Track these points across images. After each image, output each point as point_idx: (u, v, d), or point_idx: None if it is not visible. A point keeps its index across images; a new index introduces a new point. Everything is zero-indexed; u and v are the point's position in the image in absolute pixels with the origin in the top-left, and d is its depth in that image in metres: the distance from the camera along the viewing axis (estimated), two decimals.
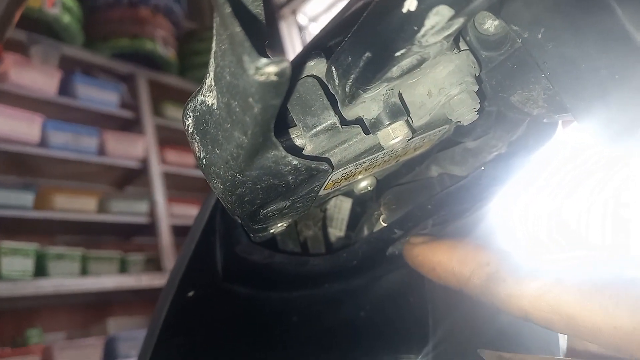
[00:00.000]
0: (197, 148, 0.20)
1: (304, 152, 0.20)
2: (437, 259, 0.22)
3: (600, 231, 0.26)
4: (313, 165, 0.19)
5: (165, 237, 2.20)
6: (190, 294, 0.32)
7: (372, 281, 0.28)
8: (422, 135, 0.23)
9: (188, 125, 0.20)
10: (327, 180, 0.22)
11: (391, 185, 0.29)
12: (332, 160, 0.20)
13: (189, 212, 2.33)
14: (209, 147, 0.19)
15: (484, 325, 0.31)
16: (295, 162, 0.18)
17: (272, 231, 0.25)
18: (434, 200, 0.24)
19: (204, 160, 0.19)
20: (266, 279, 0.30)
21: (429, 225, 0.25)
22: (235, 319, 0.31)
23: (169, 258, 2.16)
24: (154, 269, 2.19)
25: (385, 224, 0.27)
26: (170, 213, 2.27)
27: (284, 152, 0.18)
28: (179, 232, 2.22)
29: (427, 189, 0.27)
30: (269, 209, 0.21)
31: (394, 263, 0.28)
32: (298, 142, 0.20)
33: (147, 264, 2.23)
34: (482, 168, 0.23)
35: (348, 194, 0.34)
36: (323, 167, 0.19)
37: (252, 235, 0.25)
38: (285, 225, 0.25)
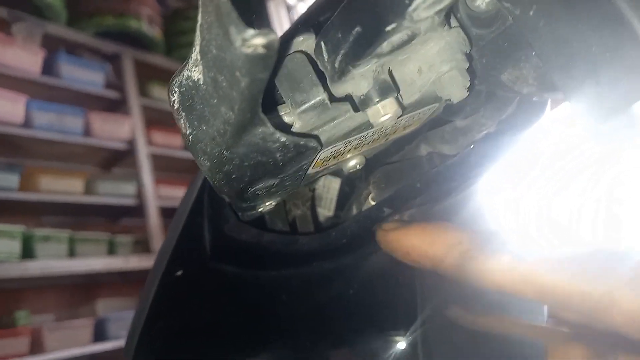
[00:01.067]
0: (183, 125, 0.19)
1: (293, 130, 0.20)
2: (409, 243, 0.22)
3: (591, 228, 0.26)
4: (302, 143, 0.19)
5: (154, 218, 2.20)
6: (179, 273, 0.32)
7: (361, 260, 0.28)
8: (412, 113, 0.23)
9: (174, 101, 0.19)
10: (316, 159, 0.22)
11: (380, 164, 0.29)
12: (321, 138, 0.20)
13: (177, 194, 2.31)
14: (195, 123, 0.19)
15: (471, 302, 0.31)
16: (283, 139, 0.18)
17: (260, 210, 0.25)
18: (423, 179, 0.24)
19: (191, 137, 0.19)
20: (255, 258, 0.30)
21: (416, 204, 0.25)
22: (224, 298, 0.31)
23: (158, 240, 2.15)
24: (143, 251, 2.19)
25: (374, 203, 0.27)
26: (158, 195, 2.26)
27: (272, 129, 0.18)
28: (167, 213, 2.21)
29: (416, 168, 0.26)
30: (257, 187, 0.21)
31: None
32: (286, 119, 0.20)
33: (136, 246, 2.22)
34: (472, 146, 0.23)
35: (337, 173, 0.34)
36: (312, 144, 0.19)
37: (240, 214, 0.25)
38: (273, 204, 0.25)
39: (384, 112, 0.20)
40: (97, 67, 2.25)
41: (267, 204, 0.24)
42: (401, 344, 0.29)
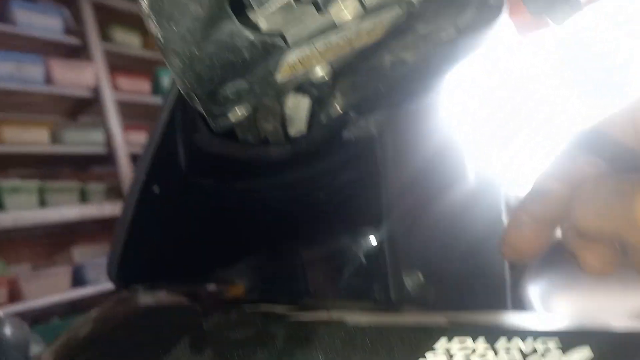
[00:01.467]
0: (154, 27, 0.20)
1: (259, 30, 0.21)
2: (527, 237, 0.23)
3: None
4: (268, 41, 0.20)
5: (124, 165, 2.17)
6: (156, 190, 0.33)
7: (331, 167, 0.30)
8: (375, 17, 0.24)
9: (145, 6, 0.20)
10: (283, 63, 0.23)
11: (346, 75, 0.30)
12: (287, 39, 0.21)
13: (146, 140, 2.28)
14: (165, 24, 0.19)
15: (431, 212, 0.33)
16: (251, 36, 0.19)
17: (231, 118, 0.26)
18: (386, 83, 0.25)
19: (162, 39, 0.20)
20: (229, 170, 0.31)
21: (381, 108, 0.27)
22: (202, 211, 0.33)
23: None
24: (116, 198, 2.18)
25: (340, 110, 0.28)
26: (128, 141, 2.23)
27: (239, 26, 0.19)
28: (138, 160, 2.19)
29: (380, 75, 0.28)
30: (228, 89, 0.22)
31: (350, 148, 0.30)
32: (253, 19, 0.21)
33: (109, 193, 2.21)
34: (432, 50, 0.25)
35: (306, 92, 0.35)
36: (278, 42, 0.20)
37: (212, 122, 0.27)
38: (245, 113, 0.26)
39: (346, 10, 0.21)
40: (55, 11, 2.14)
41: (238, 112, 0.26)
42: (369, 241, 0.31)
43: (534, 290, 0.41)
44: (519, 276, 0.38)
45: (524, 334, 0.19)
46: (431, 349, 0.18)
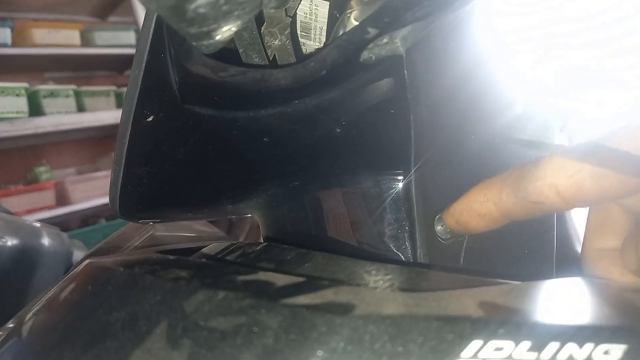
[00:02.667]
0: None
1: None
2: (474, 204, 0.23)
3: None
4: None
5: None
6: (150, 118, 0.29)
7: (347, 94, 0.25)
8: None
9: None
10: None
11: None
12: None
13: None
14: None
15: (466, 147, 0.28)
16: None
17: (218, 37, 0.21)
18: None
19: None
20: (229, 97, 0.26)
21: (407, 22, 0.21)
22: (204, 142, 0.29)
23: None
24: None
25: (356, 23, 0.22)
26: None
27: None
28: None
29: None
30: (197, 2, 0.16)
31: (371, 71, 0.24)
32: None
33: None
34: None
35: None
36: None
37: (196, 44, 0.21)
38: (233, 29, 0.21)
39: None
40: None
41: (225, 28, 0.20)
42: (395, 182, 0.27)
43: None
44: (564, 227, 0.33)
45: (581, 337, 0.15)
46: (458, 357, 0.14)
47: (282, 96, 0.25)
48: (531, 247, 0.29)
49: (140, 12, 2.12)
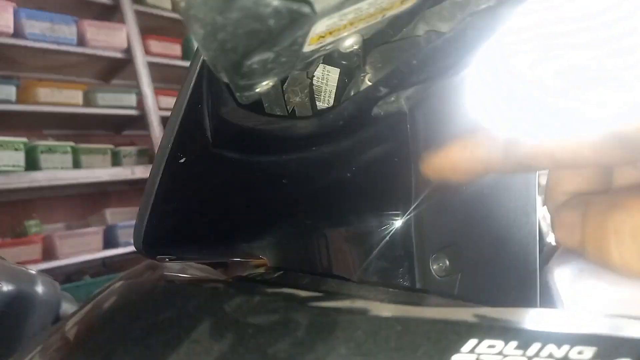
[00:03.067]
0: None
1: None
2: (456, 159, 0.22)
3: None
4: (294, 8, 0.18)
5: (156, 129, 2.20)
6: (182, 160, 0.33)
7: (359, 143, 0.29)
8: None
9: None
10: (311, 32, 0.22)
11: (378, 46, 0.28)
12: (315, 6, 0.20)
13: None
14: None
15: (459, 194, 0.32)
16: (275, 2, 0.18)
17: (257, 90, 0.25)
18: (419, 55, 0.24)
19: (183, 4, 0.19)
20: (255, 143, 0.31)
21: (413, 83, 0.25)
22: (228, 183, 0.33)
23: None
24: (148, 161, 2.22)
25: (370, 83, 0.27)
26: (159, 105, 2.25)
27: None
28: None
29: (413, 47, 0.26)
30: (253, 60, 0.21)
31: (379, 125, 0.28)
32: None
33: (140, 156, 2.25)
34: (468, 19, 0.23)
35: (335, 63, 0.34)
36: (305, 9, 0.19)
37: (238, 94, 0.26)
38: (271, 83, 0.25)
39: None
40: None
41: (264, 83, 0.24)
42: (396, 222, 0.30)
43: (560, 276, 0.40)
44: (545, 260, 0.36)
45: (559, 340, 0.18)
46: (458, 351, 0.17)
47: (302, 143, 0.30)
48: (517, 284, 0.33)
49: (143, 76, 2.22)
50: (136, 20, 2.24)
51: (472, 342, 0.18)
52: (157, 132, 2.21)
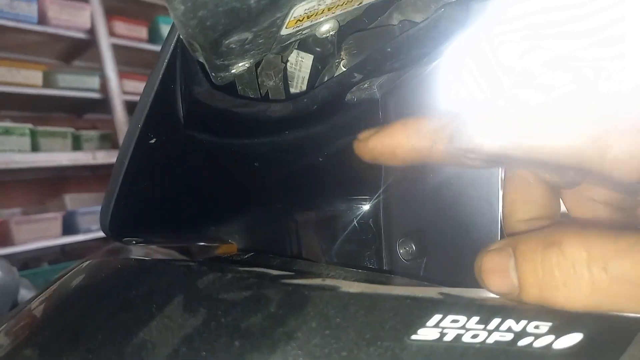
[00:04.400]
0: None
1: None
2: (394, 142, 0.21)
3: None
4: None
5: (120, 113, 2.15)
6: (152, 141, 0.32)
7: (331, 128, 0.30)
8: None
9: None
10: (290, 16, 0.22)
11: (353, 33, 0.29)
12: None
13: (141, 89, 2.24)
14: None
15: (426, 181, 0.33)
16: None
17: (233, 71, 0.25)
18: (393, 43, 0.24)
19: None
20: (228, 125, 0.31)
21: (387, 70, 0.26)
22: (198, 166, 0.33)
23: (124, 135, 2.12)
24: (110, 147, 2.16)
25: (345, 69, 0.27)
26: (123, 89, 2.19)
27: None
28: (133, 109, 2.15)
29: (387, 35, 0.27)
30: (232, 39, 0.21)
31: (351, 111, 0.29)
32: None
33: (102, 141, 2.19)
34: (442, 10, 0.24)
35: (309, 49, 0.34)
36: None
37: (213, 75, 0.26)
38: (247, 65, 0.25)
39: None
40: None
41: (240, 64, 0.25)
42: (365, 207, 0.31)
43: None
44: None
45: (517, 316, 0.19)
46: (424, 325, 0.18)
47: (275, 127, 0.30)
48: None
49: (107, 59, 2.15)
50: (101, 0, 2.17)
51: (437, 317, 0.19)
52: (120, 116, 2.16)
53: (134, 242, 0.47)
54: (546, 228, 0.19)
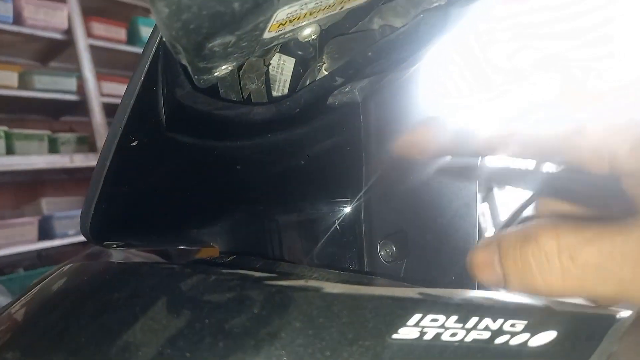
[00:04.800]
0: None
1: None
2: (416, 139, 0.24)
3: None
4: None
5: (97, 116, 2.12)
6: (134, 143, 0.32)
7: (313, 131, 0.30)
8: None
9: None
10: (273, 19, 0.22)
11: (335, 38, 0.29)
12: None
13: (121, 91, 2.21)
14: None
15: (411, 178, 0.33)
16: None
17: (216, 74, 0.25)
18: (374, 48, 0.25)
19: None
20: (210, 127, 0.31)
21: (367, 74, 0.26)
22: (180, 168, 0.33)
23: (102, 138, 2.09)
24: (87, 150, 2.13)
25: (327, 73, 0.27)
26: (101, 91, 2.16)
27: None
28: (111, 111, 2.12)
29: (368, 39, 0.27)
30: (215, 42, 0.21)
31: (333, 114, 0.29)
32: None
33: (80, 144, 2.16)
34: (421, 16, 0.24)
35: (291, 53, 0.34)
36: None
37: (196, 77, 0.26)
38: (229, 68, 0.25)
39: None
40: None
41: (223, 67, 0.25)
42: (346, 210, 0.31)
43: None
44: None
45: (494, 315, 0.19)
46: (404, 325, 0.19)
47: (257, 129, 0.30)
48: (458, 270, 0.35)
49: (84, 60, 2.12)
50: (78, 0, 2.14)
51: (417, 316, 0.19)
52: (98, 118, 2.13)
53: (115, 245, 0.47)
54: (526, 224, 0.20)
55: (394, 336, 0.19)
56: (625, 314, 0.19)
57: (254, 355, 0.18)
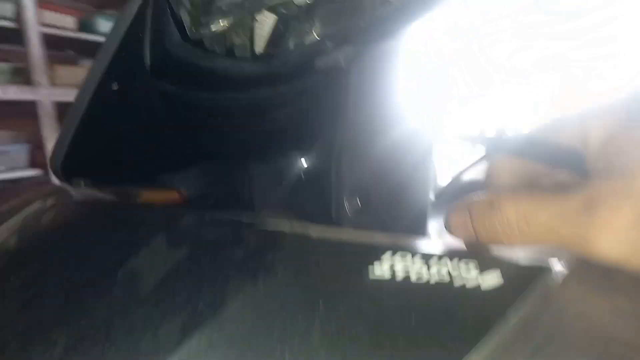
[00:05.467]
0: None
1: None
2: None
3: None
4: None
5: (36, 47, 1.98)
6: (115, 87, 0.33)
7: (295, 91, 0.32)
8: None
9: None
10: None
11: (329, 4, 0.31)
12: None
13: (63, 22, 2.08)
14: None
15: (377, 147, 0.36)
16: None
17: (213, 29, 0.26)
18: (367, 19, 0.27)
19: None
20: (194, 77, 0.32)
21: (357, 43, 0.28)
22: (160, 114, 0.33)
23: (40, 71, 1.97)
24: (23, 82, 2.00)
25: (318, 38, 0.29)
26: (42, 21, 2.02)
27: None
28: (52, 43, 2.00)
29: (359, 9, 0.29)
30: (224, 1, 0.22)
31: (317, 76, 0.31)
32: None
33: (14, 75, 2.02)
34: None
35: (274, 10, 0.35)
36: None
37: (193, 30, 0.27)
38: (226, 25, 0.26)
39: None
40: None
41: (221, 23, 0.26)
42: (318, 165, 0.34)
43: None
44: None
45: (451, 255, 0.23)
46: (378, 259, 0.22)
47: (242, 83, 0.31)
48: (414, 222, 0.38)
49: None
50: None
51: (388, 253, 0.23)
52: (36, 50, 1.99)
53: (83, 184, 0.47)
54: (491, 193, 0.24)
55: (371, 277, 0.22)
56: (559, 266, 0.24)
57: (254, 284, 0.20)
